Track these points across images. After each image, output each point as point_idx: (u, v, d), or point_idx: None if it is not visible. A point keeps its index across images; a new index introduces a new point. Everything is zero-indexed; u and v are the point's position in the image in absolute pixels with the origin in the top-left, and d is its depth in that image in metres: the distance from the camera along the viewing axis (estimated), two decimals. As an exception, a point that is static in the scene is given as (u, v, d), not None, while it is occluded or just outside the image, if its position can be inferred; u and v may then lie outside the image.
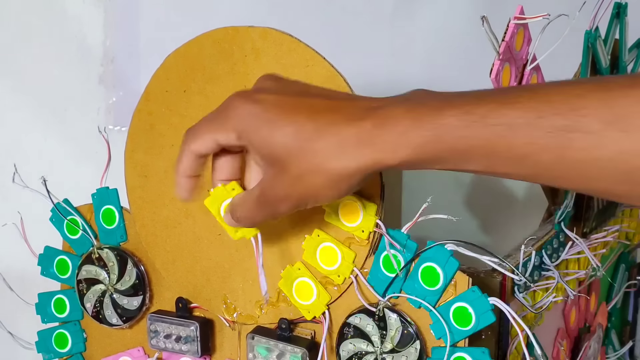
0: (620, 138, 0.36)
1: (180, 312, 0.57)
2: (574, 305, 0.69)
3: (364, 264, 0.50)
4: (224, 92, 0.53)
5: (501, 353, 0.55)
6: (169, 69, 0.55)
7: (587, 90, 0.37)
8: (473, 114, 0.38)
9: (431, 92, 0.41)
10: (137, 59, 1.00)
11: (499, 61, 0.52)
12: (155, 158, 0.56)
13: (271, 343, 0.53)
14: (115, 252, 0.59)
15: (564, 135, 0.37)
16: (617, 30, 0.63)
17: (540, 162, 0.38)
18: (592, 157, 0.37)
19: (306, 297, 0.52)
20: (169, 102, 0.55)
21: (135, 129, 0.57)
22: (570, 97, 0.37)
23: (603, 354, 0.79)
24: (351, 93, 0.46)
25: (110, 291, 0.59)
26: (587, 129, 0.37)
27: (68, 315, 0.63)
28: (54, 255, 0.62)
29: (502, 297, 0.54)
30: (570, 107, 0.37)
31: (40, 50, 0.98)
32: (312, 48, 0.50)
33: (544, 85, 0.39)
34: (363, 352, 0.50)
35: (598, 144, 0.37)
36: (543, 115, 0.37)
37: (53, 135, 1.00)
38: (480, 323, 0.47)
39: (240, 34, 0.52)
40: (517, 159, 0.38)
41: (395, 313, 0.49)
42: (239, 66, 0.52)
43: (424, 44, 1.03)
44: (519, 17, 0.52)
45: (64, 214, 0.60)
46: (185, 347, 0.56)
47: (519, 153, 0.38)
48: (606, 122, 0.36)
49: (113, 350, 0.62)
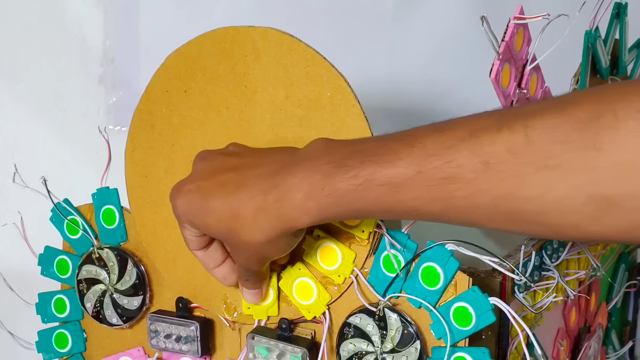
0: (493, 185, 0.37)
1: (181, 312, 0.57)
2: (574, 305, 0.69)
3: (364, 264, 0.51)
4: (224, 92, 0.53)
5: (501, 353, 0.55)
6: (169, 68, 0.55)
7: (458, 139, 0.38)
8: (359, 177, 0.40)
9: (325, 149, 0.43)
10: (137, 59, 1.00)
11: (498, 61, 0.52)
12: (156, 158, 0.56)
13: (271, 343, 0.53)
14: (115, 252, 0.59)
15: (444, 186, 0.39)
16: (617, 30, 0.63)
17: (431, 212, 0.40)
18: (475, 204, 0.38)
19: (306, 297, 0.52)
20: (169, 102, 0.55)
21: (136, 128, 0.57)
22: (443, 150, 0.38)
23: (603, 354, 0.79)
24: (261, 152, 0.48)
25: (111, 291, 0.59)
26: (463, 179, 0.38)
27: (68, 315, 0.63)
28: (54, 255, 0.62)
29: (502, 297, 0.54)
30: (445, 160, 0.38)
31: (40, 50, 0.98)
32: (312, 48, 0.50)
33: (421, 134, 0.40)
34: (363, 352, 0.50)
35: (476, 192, 0.38)
36: (422, 170, 0.39)
37: (53, 135, 1.00)
38: (481, 323, 0.47)
39: (241, 34, 0.52)
40: (411, 211, 0.41)
41: (396, 313, 0.49)
42: (240, 66, 0.52)
43: (424, 44, 1.03)
44: (518, 17, 0.52)
45: (64, 214, 0.60)
46: (186, 347, 0.56)
47: (410, 207, 0.40)
48: (477, 171, 0.38)
49: (113, 350, 0.62)
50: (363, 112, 0.49)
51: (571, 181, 0.36)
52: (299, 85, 0.51)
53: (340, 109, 0.50)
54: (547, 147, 0.36)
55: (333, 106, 0.50)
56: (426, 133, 0.40)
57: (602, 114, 0.35)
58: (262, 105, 0.52)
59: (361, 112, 0.49)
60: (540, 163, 0.36)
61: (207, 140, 0.54)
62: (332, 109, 0.50)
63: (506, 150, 0.37)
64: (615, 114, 0.34)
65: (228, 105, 0.53)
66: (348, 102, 0.49)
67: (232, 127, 0.53)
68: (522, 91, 0.55)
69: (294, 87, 0.51)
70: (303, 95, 0.51)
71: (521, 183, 0.37)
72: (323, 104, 0.50)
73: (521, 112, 0.38)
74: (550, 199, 0.37)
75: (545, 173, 0.36)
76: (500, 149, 0.37)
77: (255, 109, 0.52)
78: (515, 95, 0.55)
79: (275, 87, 0.51)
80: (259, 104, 0.52)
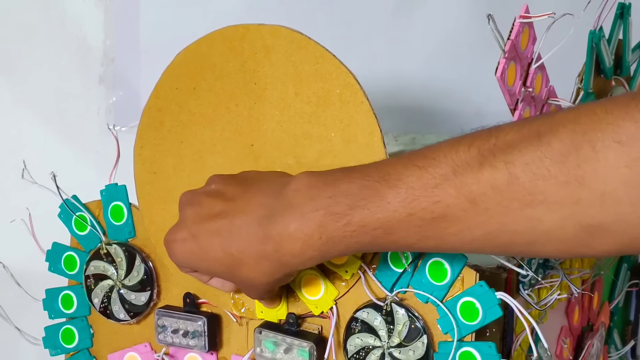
0: (483, 221, 0.38)
1: (188, 307, 0.57)
2: (578, 304, 0.69)
3: (372, 260, 0.51)
4: (233, 90, 0.54)
5: (506, 350, 0.55)
6: (179, 66, 0.55)
7: (442, 178, 0.39)
8: (352, 225, 0.41)
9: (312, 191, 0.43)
10: (137, 59, 1.00)
11: (504, 59, 0.52)
12: (165, 155, 0.57)
13: (279, 337, 0.53)
14: (123, 248, 0.59)
15: (436, 225, 0.39)
16: (620, 30, 0.64)
17: (426, 247, 0.41)
18: (467, 239, 0.39)
19: (314, 293, 0.53)
20: (178, 99, 0.56)
21: (145, 125, 0.57)
22: (429, 189, 0.39)
23: (605, 353, 0.79)
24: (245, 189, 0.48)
25: (118, 287, 0.60)
26: (453, 217, 0.39)
27: (75, 311, 0.63)
28: (62, 252, 0.62)
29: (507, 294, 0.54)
30: (433, 201, 0.39)
31: (40, 50, 0.99)
32: (322, 45, 0.50)
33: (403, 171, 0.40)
34: (370, 347, 0.51)
35: (467, 228, 0.39)
36: (412, 212, 0.40)
37: (53, 135, 1.00)
38: (488, 318, 0.47)
39: (251, 31, 0.52)
40: (407, 247, 0.43)
41: (403, 308, 0.49)
42: (249, 64, 0.53)
43: (424, 43, 1.04)
44: (524, 15, 0.53)
45: (73, 210, 0.61)
46: (193, 342, 0.57)
47: (405, 244, 0.41)
48: (465, 209, 0.38)
49: (120, 346, 0.62)
50: (372, 109, 0.50)
51: (558, 214, 0.36)
52: (308, 82, 0.51)
53: (349, 105, 0.50)
54: (530, 183, 0.36)
55: (342, 103, 0.50)
56: (408, 170, 0.40)
57: (580, 146, 0.35)
58: (271, 102, 0.53)
59: (370, 109, 0.50)
60: (525, 199, 0.37)
61: (216, 137, 0.55)
62: (341, 106, 0.50)
63: (490, 188, 0.37)
64: (593, 145, 0.35)
65: (237, 102, 0.54)
66: (357, 99, 0.50)
67: (241, 124, 0.54)
68: (528, 89, 0.55)
69: (303, 85, 0.51)
70: (312, 92, 0.51)
71: (509, 218, 0.38)
72: (332, 101, 0.51)
73: (499, 144, 0.38)
74: (540, 231, 0.37)
75: (532, 208, 0.37)
76: (485, 187, 0.38)
77: (264, 106, 0.53)
78: (521, 94, 0.55)
79: (284, 84, 0.52)
80: (268, 101, 0.53)
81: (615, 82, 0.66)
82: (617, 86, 0.66)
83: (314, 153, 0.52)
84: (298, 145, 0.52)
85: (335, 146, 0.51)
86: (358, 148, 0.50)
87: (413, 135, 1.05)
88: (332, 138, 0.51)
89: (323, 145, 0.51)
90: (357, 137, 0.50)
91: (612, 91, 0.66)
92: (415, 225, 0.40)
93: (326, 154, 0.51)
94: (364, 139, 0.50)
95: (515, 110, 0.55)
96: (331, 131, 0.51)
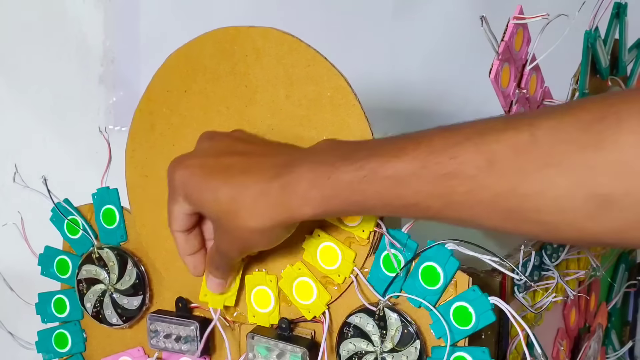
0: (494, 182, 0.38)
1: (181, 311, 0.57)
2: (574, 306, 0.69)
3: (364, 264, 0.51)
4: (224, 92, 0.53)
5: (501, 353, 0.55)
6: (170, 68, 0.55)
7: (465, 137, 0.39)
8: (364, 169, 0.41)
9: (333, 145, 0.45)
10: (137, 59, 1.00)
11: (498, 61, 0.52)
12: (156, 158, 0.56)
13: (271, 343, 0.53)
14: (115, 252, 0.59)
15: (446, 182, 0.39)
16: (616, 30, 0.63)
17: (431, 207, 0.41)
18: (475, 200, 0.39)
19: (306, 297, 0.52)
20: (170, 102, 0.55)
21: (136, 128, 0.57)
22: (449, 146, 0.39)
23: (603, 354, 0.79)
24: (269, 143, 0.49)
25: (111, 291, 0.59)
26: (465, 175, 0.39)
27: (68, 315, 0.63)
28: (54, 255, 0.62)
29: (502, 297, 0.54)
30: (450, 156, 0.39)
31: (40, 50, 0.98)
32: (313, 48, 0.50)
33: (429, 133, 0.41)
34: (363, 352, 0.50)
35: (477, 188, 0.39)
36: (426, 165, 0.40)
37: (53, 136, 1.00)
38: (481, 322, 0.47)
39: (242, 33, 0.52)
40: (410, 207, 0.41)
41: (396, 312, 0.49)
42: (240, 66, 0.52)
43: (424, 44, 1.03)
44: (518, 16, 0.52)
45: (64, 214, 0.60)
46: (185, 346, 0.56)
47: (410, 202, 0.41)
48: (480, 167, 0.38)
49: (113, 350, 0.62)
50: (364, 112, 0.49)
51: (571, 179, 0.36)
52: (299, 85, 0.51)
53: (340, 109, 0.50)
54: (550, 146, 0.37)
55: (334, 106, 0.50)
56: (434, 132, 0.41)
57: (606, 115, 0.35)
58: (262, 105, 0.52)
59: (362, 112, 0.49)
60: (542, 161, 0.37)
61: (208, 140, 0.54)
62: (333, 108, 0.50)
63: (510, 148, 0.37)
64: (619, 116, 0.35)
65: (228, 105, 0.53)
66: (349, 102, 0.49)
67: (233, 126, 0.53)
68: (522, 91, 0.55)
69: (294, 87, 0.51)
70: (303, 95, 0.51)
71: (522, 180, 0.37)
72: (323, 104, 0.50)
73: (527, 114, 0.39)
74: (550, 196, 0.37)
75: (546, 171, 0.37)
76: (504, 146, 0.38)
77: (255, 109, 0.52)
78: (515, 95, 0.55)
79: (275, 87, 0.51)
80: (259, 104, 0.52)
81: (612, 82, 0.65)
82: (614, 86, 0.66)
83: (305, 156, 0.51)
84: (290, 149, 0.52)
85: (327, 149, 0.50)
86: (350, 151, 0.50)
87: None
88: (324, 141, 0.50)
89: (315, 148, 0.51)
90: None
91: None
92: (426, 180, 0.40)
93: (318, 158, 0.51)
94: (356, 142, 0.49)
95: (509, 113, 0.55)
96: (323, 134, 0.50)
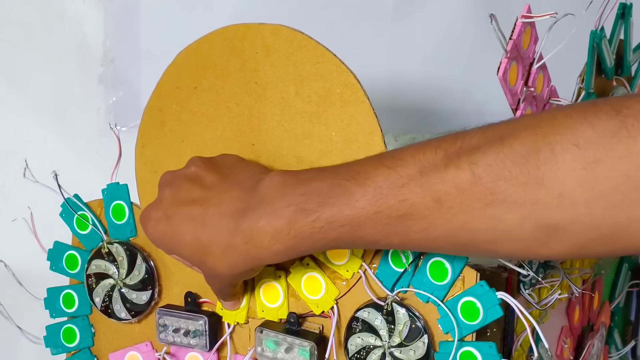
0: (446, 220, 0.40)
1: (189, 306, 0.57)
2: (578, 304, 0.69)
3: (373, 259, 0.51)
4: (234, 89, 0.54)
5: (506, 350, 0.55)
6: (180, 65, 0.55)
7: (409, 177, 0.40)
8: (320, 221, 0.42)
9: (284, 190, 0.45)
10: (137, 59, 1.00)
11: (506, 59, 0.53)
12: (166, 154, 0.57)
13: (280, 337, 0.53)
14: (124, 247, 0.59)
15: (401, 222, 0.41)
16: (622, 30, 0.64)
17: (391, 244, 0.42)
18: (431, 237, 0.41)
19: (315, 292, 0.53)
20: (179, 98, 0.56)
21: (146, 125, 0.58)
22: (396, 188, 0.40)
23: (606, 353, 0.79)
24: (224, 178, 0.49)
25: (120, 286, 0.60)
26: (418, 216, 0.40)
27: (76, 310, 0.63)
28: (64, 251, 0.62)
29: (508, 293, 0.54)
30: (399, 199, 0.40)
31: (40, 50, 0.99)
32: (322, 45, 0.50)
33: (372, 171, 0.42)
34: (371, 346, 0.51)
35: (430, 227, 0.40)
36: (379, 209, 0.41)
37: (53, 135, 1.00)
38: (488, 317, 0.47)
39: (252, 31, 0.53)
40: (373, 244, 0.43)
41: (404, 307, 0.50)
42: (250, 63, 0.53)
43: (424, 43, 1.04)
44: (526, 15, 0.53)
45: (74, 209, 0.61)
46: (194, 341, 0.57)
47: (371, 241, 0.43)
48: (429, 208, 0.40)
49: (121, 345, 0.62)
50: (372, 109, 0.50)
51: (518, 213, 0.38)
52: (309, 81, 0.51)
53: (349, 105, 0.50)
54: (491, 183, 0.38)
55: (343, 102, 0.50)
56: (377, 170, 0.42)
57: (540, 148, 0.37)
58: (272, 101, 0.53)
59: (371, 109, 0.50)
60: (487, 199, 0.38)
61: (217, 136, 0.55)
62: (342, 105, 0.50)
63: (455, 188, 0.39)
64: (552, 148, 0.36)
65: (238, 101, 0.54)
66: (358, 98, 0.50)
67: (242, 123, 0.54)
68: (529, 89, 0.55)
69: (304, 84, 0.51)
70: (313, 91, 0.51)
71: (471, 217, 0.39)
72: (333, 101, 0.51)
73: (464, 147, 0.39)
74: (500, 230, 0.39)
75: (493, 208, 0.38)
76: (449, 186, 0.39)
77: (265, 105, 0.53)
78: (523, 94, 0.55)
79: (285, 84, 0.52)
80: (269, 101, 0.53)
81: (616, 82, 0.66)
82: (618, 86, 0.66)
83: (314, 152, 0.52)
84: (299, 145, 0.52)
85: (336, 146, 0.51)
86: (359, 147, 0.50)
87: (413, 135, 1.05)
88: (333, 137, 0.51)
89: (324, 144, 0.51)
90: (358, 137, 0.50)
91: (613, 91, 0.66)
92: (382, 222, 0.41)
93: (327, 154, 0.51)
94: (365, 139, 0.50)
95: (517, 110, 0.55)
96: (332, 130, 0.51)
